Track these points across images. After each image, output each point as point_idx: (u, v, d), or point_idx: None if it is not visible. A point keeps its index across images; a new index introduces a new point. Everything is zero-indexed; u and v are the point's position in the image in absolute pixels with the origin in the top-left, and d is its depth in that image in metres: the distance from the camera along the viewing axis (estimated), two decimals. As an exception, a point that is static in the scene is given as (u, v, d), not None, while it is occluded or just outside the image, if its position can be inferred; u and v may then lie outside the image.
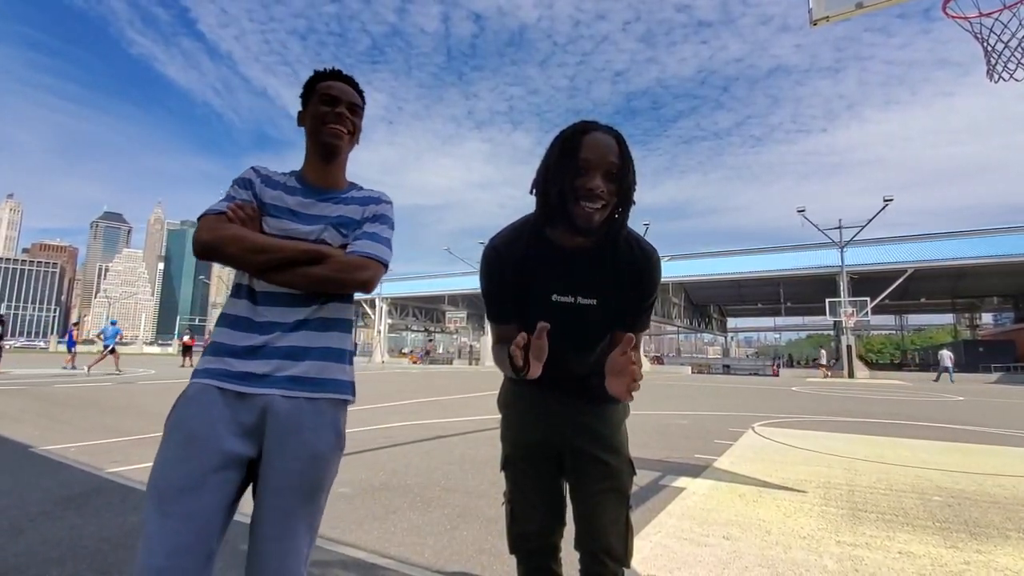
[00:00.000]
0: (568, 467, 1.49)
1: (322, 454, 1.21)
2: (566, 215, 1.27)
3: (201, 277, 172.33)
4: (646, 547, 2.70)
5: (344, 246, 1.35)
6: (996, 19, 3.70)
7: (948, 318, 53.66)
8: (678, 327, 45.39)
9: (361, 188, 1.48)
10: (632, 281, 1.36)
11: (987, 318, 48.90)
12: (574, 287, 1.36)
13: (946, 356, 24.69)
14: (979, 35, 3.68)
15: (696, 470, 4.47)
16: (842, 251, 27.41)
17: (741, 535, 2.90)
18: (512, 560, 1.59)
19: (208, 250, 1.25)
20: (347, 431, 1.35)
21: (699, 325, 50.15)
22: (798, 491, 3.85)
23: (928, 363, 47.75)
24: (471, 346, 44.51)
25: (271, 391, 1.20)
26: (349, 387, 1.35)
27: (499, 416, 1.63)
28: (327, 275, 1.28)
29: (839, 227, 27.66)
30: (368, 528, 2.91)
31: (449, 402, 10.20)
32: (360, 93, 1.46)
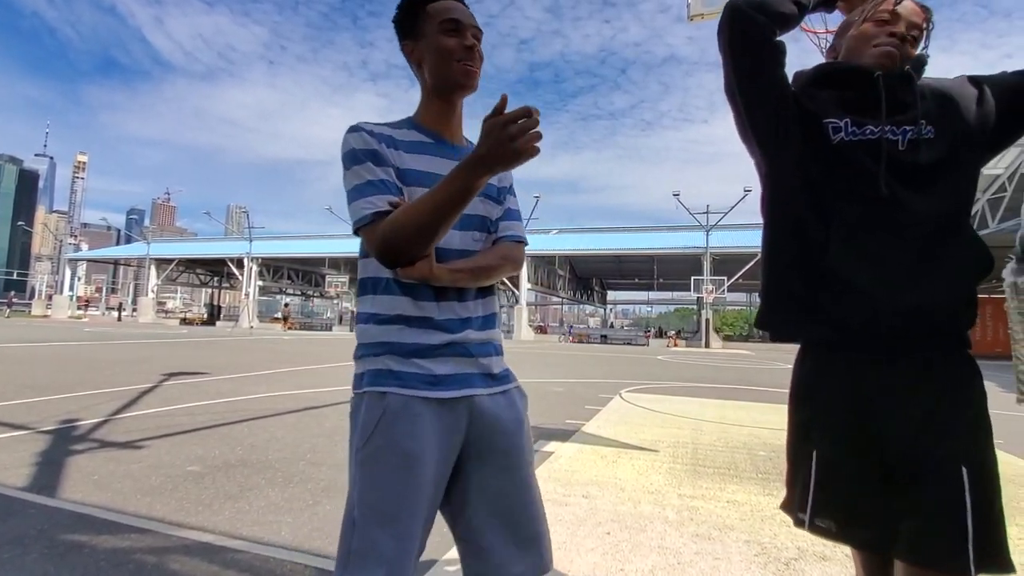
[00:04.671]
0: None
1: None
2: None
3: (21, 223, 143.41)
4: (510, 511, 2.80)
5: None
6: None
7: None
8: (562, 298, 47.50)
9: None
10: None
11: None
12: None
13: None
14: (822, 49, 4.13)
15: (565, 435, 4.72)
16: (707, 234, 30.22)
17: (599, 493, 3.12)
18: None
19: (399, 259, 1.03)
20: (204, 403, 1.22)
21: (582, 297, 52.89)
22: (651, 450, 4.22)
23: (769, 335, 54.79)
24: (352, 312, 42.83)
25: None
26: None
27: None
28: (498, 266, 1.15)
29: (707, 212, 30.40)
30: (219, 509, 2.70)
31: (325, 371, 9.77)
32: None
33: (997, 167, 16.77)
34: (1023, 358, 1.08)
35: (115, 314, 47.49)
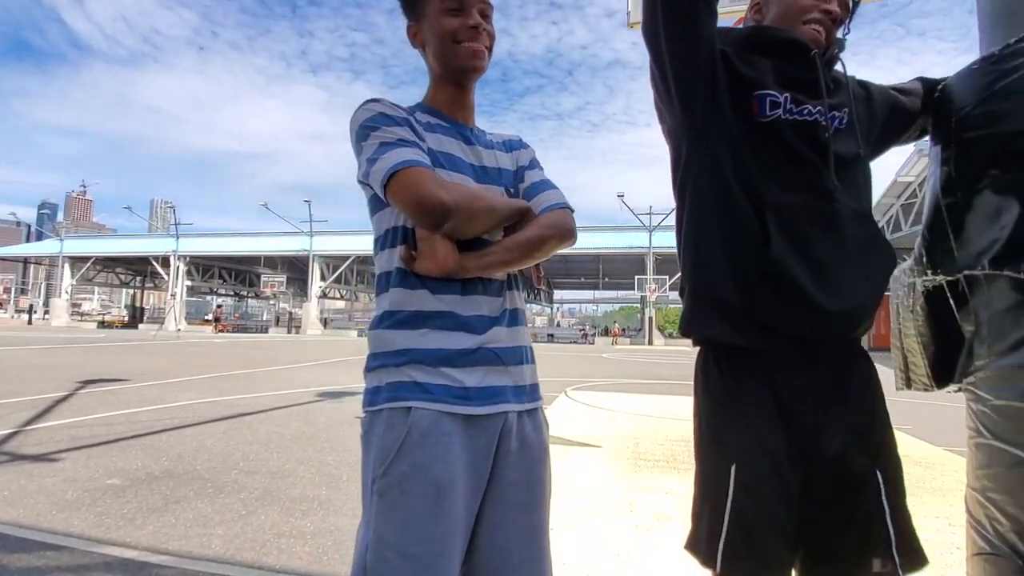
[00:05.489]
0: None
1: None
2: None
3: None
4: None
5: None
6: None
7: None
8: (509, 298, 47.66)
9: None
10: None
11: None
12: None
13: None
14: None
15: (511, 433, 4.74)
16: (651, 234, 31.21)
17: (543, 491, 3.16)
18: (313, 540, 1.47)
19: (452, 216, 0.86)
20: (124, 411, 1.07)
21: (529, 296, 53.38)
22: (595, 447, 4.31)
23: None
24: (291, 313, 41.21)
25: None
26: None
27: (321, 388, 1.28)
28: (545, 237, 0.97)
29: (650, 213, 31.40)
30: (142, 523, 2.53)
31: (259, 375, 9.36)
32: None
33: (910, 175, 18.26)
34: (913, 351, 1.18)
35: (25, 317, 43.74)
